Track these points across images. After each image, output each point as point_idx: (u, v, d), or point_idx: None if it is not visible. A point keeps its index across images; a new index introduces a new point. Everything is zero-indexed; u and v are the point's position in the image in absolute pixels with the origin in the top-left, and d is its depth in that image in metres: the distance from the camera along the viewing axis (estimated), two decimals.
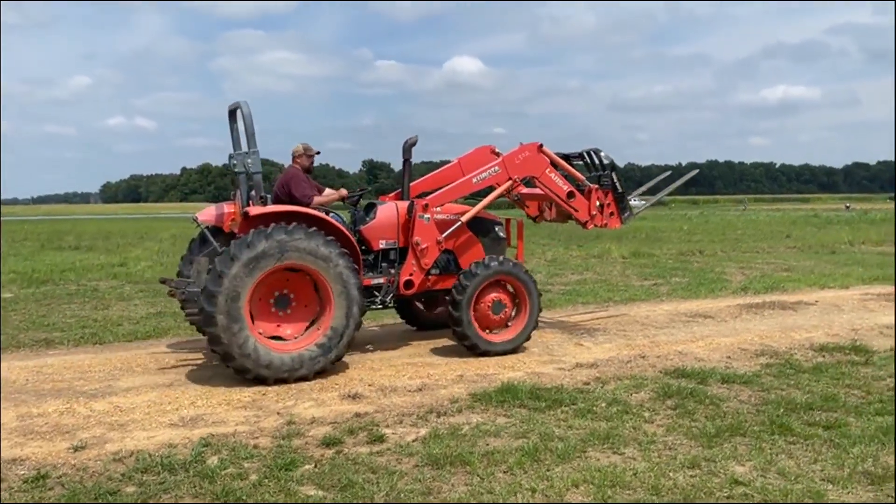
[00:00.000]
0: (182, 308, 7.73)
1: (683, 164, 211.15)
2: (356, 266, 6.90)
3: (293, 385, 6.37)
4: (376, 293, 7.55)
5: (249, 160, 6.95)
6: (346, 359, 7.04)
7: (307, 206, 7.28)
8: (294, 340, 6.67)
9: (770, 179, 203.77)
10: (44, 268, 16.50)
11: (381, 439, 5.01)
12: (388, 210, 7.85)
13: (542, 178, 8.18)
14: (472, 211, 8.00)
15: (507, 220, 8.77)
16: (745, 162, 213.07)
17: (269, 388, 6.26)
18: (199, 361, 7.39)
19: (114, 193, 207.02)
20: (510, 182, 8.07)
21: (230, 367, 6.38)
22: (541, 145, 8.20)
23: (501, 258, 7.72)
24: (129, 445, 4.90)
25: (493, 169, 8.03)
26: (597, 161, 8.85)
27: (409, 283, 7.60)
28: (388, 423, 5.39)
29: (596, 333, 8.67)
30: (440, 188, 8.07)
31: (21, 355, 7.83)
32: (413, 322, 9.17)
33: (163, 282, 8.03)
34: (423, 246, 7.57)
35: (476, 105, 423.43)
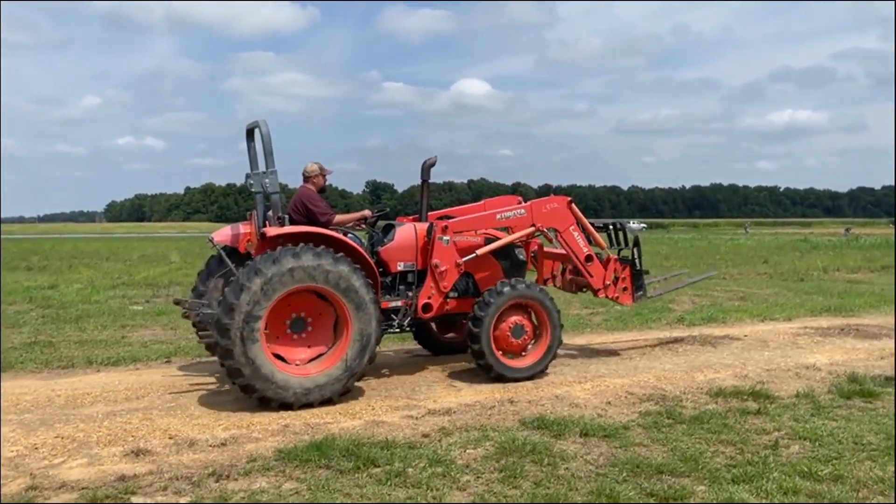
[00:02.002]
0: (196, 331, 7.53)
1: (688, 187, 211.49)
2: (375, 291, 6.79)
3: (76, 437, 5.54)
4: (393, 316, 7.31)
5: (267, 180, 6.78)
6: (178, 401, 6.24)
7: (327, 224, 7.14)
8: (310, 364, 6.54)
9: (774, 203, 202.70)
10: None
11: None
12: (407, 231, 7.62)
13: (565, 234, 8.05)
14: (488, 248, 7.73)
15: (527, 244, 8.48)
16: (749, 185, 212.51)
17: (46, 442, 5.43)
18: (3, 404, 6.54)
19: (119, 212, 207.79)
20: (532, 228, 7.97)
21: (236, 383, 6.25)
22: (571, 200, 8.06)
23: (522, 281, 7.51)
24: None
25: (518, 211, 7.97)
26: (621, 235, 8.64)
27: (427, 307, 7.39)
28: (150, 490, 4.57)
29: (477, 372, 7.81)
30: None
31: None
32: (429, 347, 8.84)
33: (177, 303, 7.73)
34: (443, 268, 7.38)
35: (483, 127, 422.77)
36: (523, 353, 7.53)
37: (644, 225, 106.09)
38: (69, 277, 19.92)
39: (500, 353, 7.33)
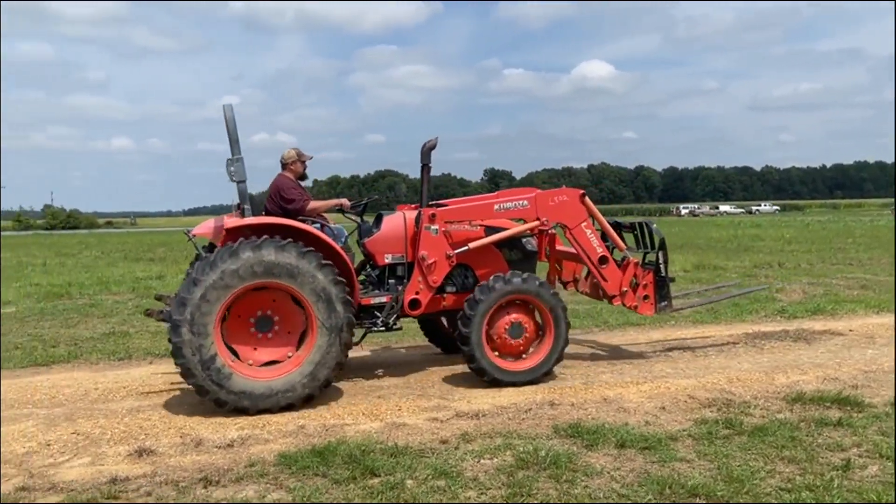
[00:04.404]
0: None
1: (829, 166, 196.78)
2: (350, 288, 6.22)
3: (91, 433, 5.49)
4: (378, 313, 6.72)
5: (233, 168, 6.35)
6: (196, 398, 6.11)
7: (300, 211, 6.76)
8: (279, 365, 6.08)
9: None
10: (79, 281, 16.83)
11: None
12: (395, 221, 7.03)
13: (575, 232, 7.15)
14: (482, 241, 6.98)
15: (541, 237, 7.64)
16: None
17: (61, 438, 5.40)
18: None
19: (252, 205, 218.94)
20: (537, 222, 7.11)
21: (189, 384, 5.88)
22: (583, 194, 7.21)
23: (518, 274, 6.67)
24: None
25: (521, 202, 7.11)
26: (647, 236, 7.62)
27: (415, 303, 6.76)
28: (135, 495, 4.37)
29: None
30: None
31: None
32: (442, 345, 8.29)
33: (158, 298, 7.62)
34: (431, 261, 6.70)
35: (606, 109, 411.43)
36: (523, 355, 6.75)
37: (776, 208, 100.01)
38: (181, 267, 20.79)
39: (496, 354, 6.63)
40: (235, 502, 4.22)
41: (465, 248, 6.83)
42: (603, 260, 7.19)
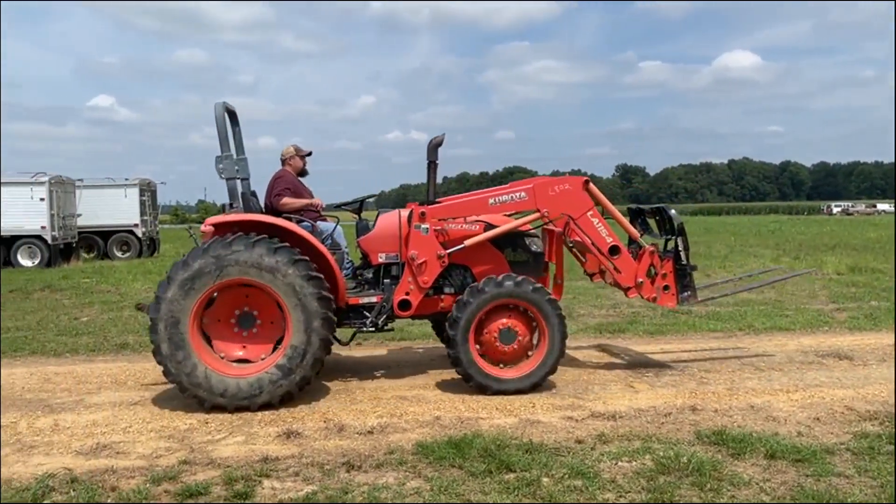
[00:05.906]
0: None
1: None
2: (319, 276, 6.01)
3: (244, 414, 5.85)
4: (367, 313, 6.61)
5: (221, 165, 6.40)
6: (347, 385, 6.39)
7: (274, 206, 6.91)
8: (255, 363, 6.07)
9: None
10: None
11: (241, 496, 4.27)
12: (389, 219, 6.87)
13: (581, 222, 6.69)
14: (476, 238, 6.60)
15: (549, 232, 7.34)
16: None
17: (218, 417, 5.80)
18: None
19: (386, 201, 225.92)
20: (537, 214, 6.72)
21: (185, 395, 5.96)
22: (587, 181, 6.76)
23: (511, 277, 6.33)
24: (5, 473, 4.70)
25: (518, 194, 6.69)
26: (667, 222, 7.15)
27: (405, 304, 6.54)
28: (284, 474, 4.62)
29: (665, 373, 7.03)
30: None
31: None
32: None
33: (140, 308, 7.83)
34: (420, 261, 6.44)
35: (749, 102, 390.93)
36: (516, 362, 6.41)
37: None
38: None
39: (485, 360, 6.33)
40: (377, 486, 4.35)
41: (458, 247, 6.53)
42: (614, 250, 6.70)
